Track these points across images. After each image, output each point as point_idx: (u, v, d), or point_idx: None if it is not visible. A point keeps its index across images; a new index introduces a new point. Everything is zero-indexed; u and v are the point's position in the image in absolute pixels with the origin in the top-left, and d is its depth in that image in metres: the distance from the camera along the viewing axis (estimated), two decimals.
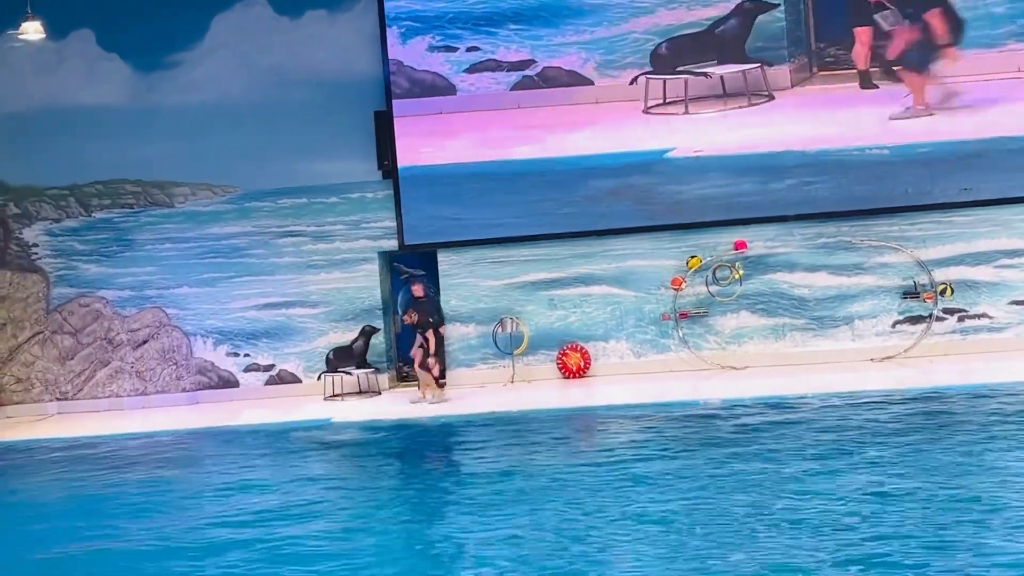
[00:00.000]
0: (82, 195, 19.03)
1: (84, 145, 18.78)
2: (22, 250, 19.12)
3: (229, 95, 18.60)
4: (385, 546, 9.25)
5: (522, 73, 18.14)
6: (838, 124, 17.39)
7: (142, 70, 18.75)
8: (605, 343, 18.01)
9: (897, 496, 9.42)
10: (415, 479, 12.04)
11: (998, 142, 17.04)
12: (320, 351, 18.29)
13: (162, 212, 18.94)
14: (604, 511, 9.67)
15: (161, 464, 13.77)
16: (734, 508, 9.44)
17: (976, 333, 17.22)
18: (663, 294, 17.86)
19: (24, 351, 19.04)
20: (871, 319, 17.43)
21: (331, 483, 12.03)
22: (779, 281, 17.67)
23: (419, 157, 18.17)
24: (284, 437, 14.87)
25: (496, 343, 18.07)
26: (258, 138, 18.51)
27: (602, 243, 18.03)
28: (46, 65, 18.84)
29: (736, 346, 17.69)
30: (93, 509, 11.44)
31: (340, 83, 18.42)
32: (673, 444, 12.43)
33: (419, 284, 17.13)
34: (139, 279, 18.86)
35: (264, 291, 18.66)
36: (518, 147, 18.07)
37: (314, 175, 18.52)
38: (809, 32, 17.65)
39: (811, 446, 11.70)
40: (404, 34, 18.25)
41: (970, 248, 17.26)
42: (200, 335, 18.77)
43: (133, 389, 18.81)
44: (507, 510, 10.00)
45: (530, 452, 12.72)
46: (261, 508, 10.75)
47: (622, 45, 17.93)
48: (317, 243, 18.61)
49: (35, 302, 19.06)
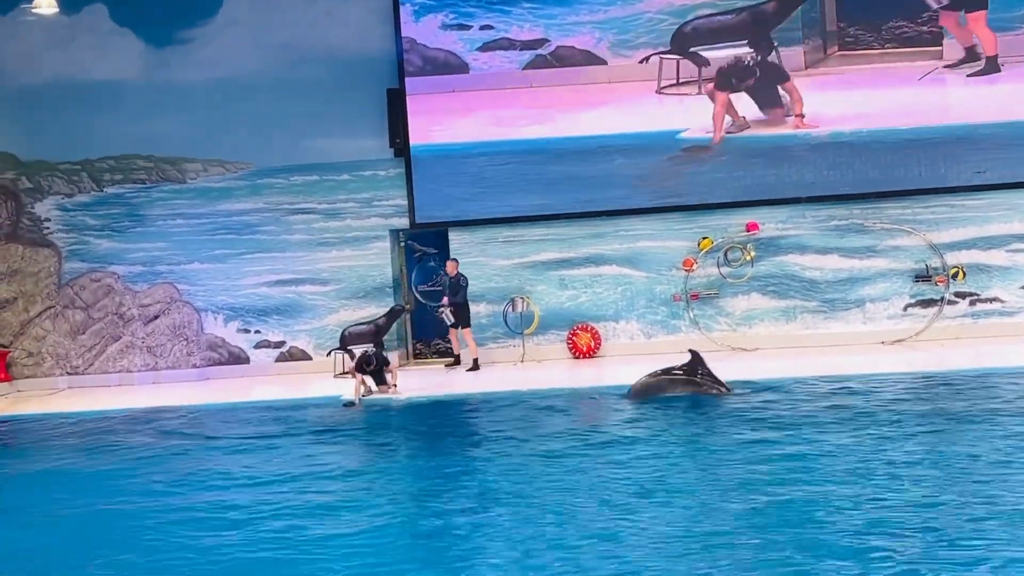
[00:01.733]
0: (94, 170, 19.03)
1: (96, 120, 18.78)
2: (34, 224, 19.14)
3: (242, 71, 18.56)
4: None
5: (535, 52, 18.09)
6: (851, 105, 17.33)
7: (155, 45, 18.73)
8: (615, 323, 18.01)
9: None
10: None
11: (1013, 126, 16.99)
12: (331, 328, 18.31)
13: (174, 188, 18.94)
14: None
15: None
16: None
17: (988, 317, 17.20)
18: (674, 275, 17.85)
19: (35, 325, 19.08)
20: (883, 302, 17.42)
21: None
22: (790, 263, 17.65)
23: (431, 135, 18.15)
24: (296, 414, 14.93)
25: (507, 322, 18.08)
26: (270, 115, 18.49)
27: (613, 223, 18.01)
28: (59, 39, 18.82)
29: (747, 328, 17.68)
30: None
31: (353, 60, 18.39)
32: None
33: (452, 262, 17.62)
34: (150, 255, 18.89)
35: (275, 268, 18.68)
36: (530, 126, 18.03)
37: (326, 152, 18.51)
38: (824, 13, 17.57)
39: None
40: (417, 12, 18.20)
41: (983, 232, 17.23)
42: (211, 311, 18.80)
43: (144, 364, 18.85)
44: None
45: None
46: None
47: (636, 25, 17.86)
48: (328, 220, 18.61)
49: (46, 277, 19.09)
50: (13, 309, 19.12)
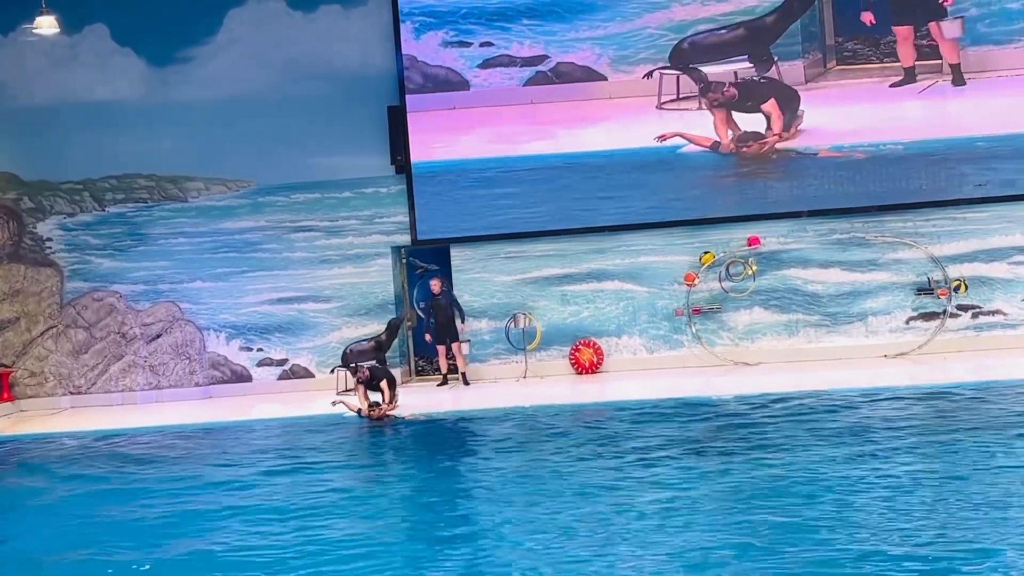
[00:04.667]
0: (96, 189, 19.07)
1: (98, 140, 18.82)
2: (36, 244, 19.17)
3: (243, 90, 18.60)
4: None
5: (535, 68, 18.13)
6: (852, 119, 17.37)
7: (156, 65, 18.77)
8: (618, 339, 18.01)
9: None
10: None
11: (1014, 139, 17.02)
12: (333, 346, 18.32)
13: (175, 206, 18.97)
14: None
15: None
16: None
17: (990, 330, 17.18)
18: (676, 290, 17.85)
19: (38, 345, 19.08)
20: (885, 315, 17.41)
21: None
22: (792, 277, 17.66)
23: (432, 152, 18.18)
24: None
25: (509, 338, 18.08)
26: (271, 133, 18.53)
27: (615, 239, 18.02)
28: (60, 60, 18.88)
29: (749, 342, 17.68)
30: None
31: (354, 78, 18.44)
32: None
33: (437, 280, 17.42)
34: (152, 273, 18.90)
35: (277, 286, 18.69)
36: (531, 142, 18.07)
37: (327, 170, 18.53)
38: (824, 28, 17.62)
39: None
40: (418, 29, 18.25)
41: (984, 244, 17.23)
42: (213, 329, 18.81)
43: (146, 383, 18.86)
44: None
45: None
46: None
47: (636, 41, 17.91)
48: (330, 238, 18.63)
49: (49, 296, 19.10)
50: (15, 329, 19.13)
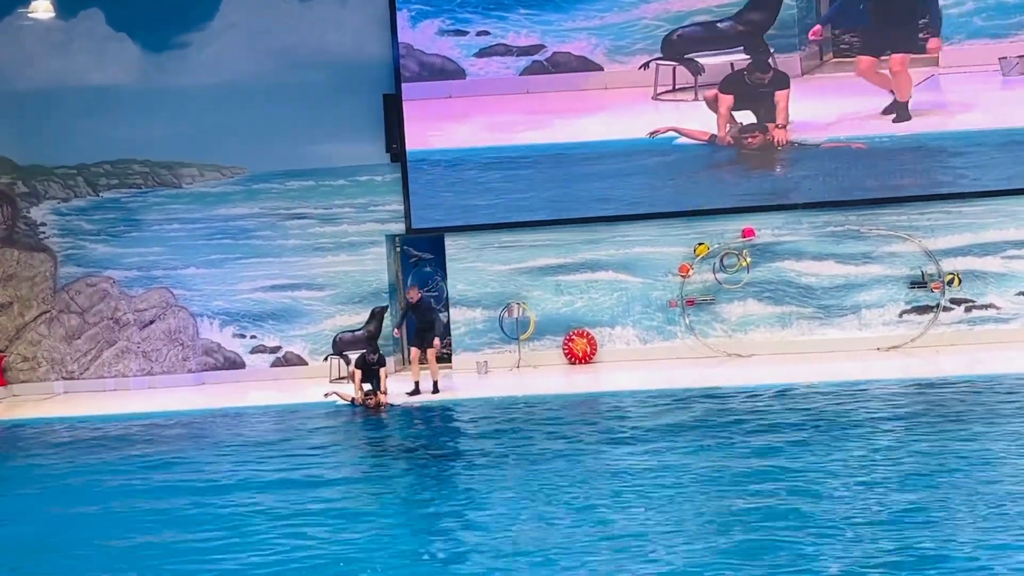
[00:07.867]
0: (90, 175, 19.02)
1: (93, 125, 18.75)
2: (30, 229, 19.13)
3: (238, 76, 18.55)
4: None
5: (532, 58, 18.11)
6: (848, 112, 17.37)
7: (151, 50, 18.72)
8: (611, 329, 18.01)
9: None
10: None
11: (1009, 132, 17.03)
12: (326, 333, 18.31)
13: (170, 193, 18.93)
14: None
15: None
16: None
17: (983, 323, 17.22)
18: (670, 281, 17.85)
19: (31, 330, 19.05)
20: (878, 308, 17.43)
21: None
22: (786, 269, 17.67)
23: (428, 141, 18.16)
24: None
25: (502, 328, 18.09)
26: (266, 120, 18.48)
27: (609, 229, 18.02)
28: (55, 44, 18.81)
29: (742, 334, 17.69)
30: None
31: (349, 66, 18.39)
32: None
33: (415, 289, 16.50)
34: (146, 259, 18.87)
35: (271, 273, 18.66)
36: (527, 132, 18.06)
37: (322, 157, 18.50)
38: (820, 20, 17.60)
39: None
40: (414, 17, 18.21)
41: (978, 239, 17.25)
42: (207, 316, 18.79)
43: (139, 369, 18.84)
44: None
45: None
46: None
47: (632, 31, 17.89)
48: (324, 226, 18.60)
49: (42, 281, 19.07)
50: (8, 313, 19.10)
